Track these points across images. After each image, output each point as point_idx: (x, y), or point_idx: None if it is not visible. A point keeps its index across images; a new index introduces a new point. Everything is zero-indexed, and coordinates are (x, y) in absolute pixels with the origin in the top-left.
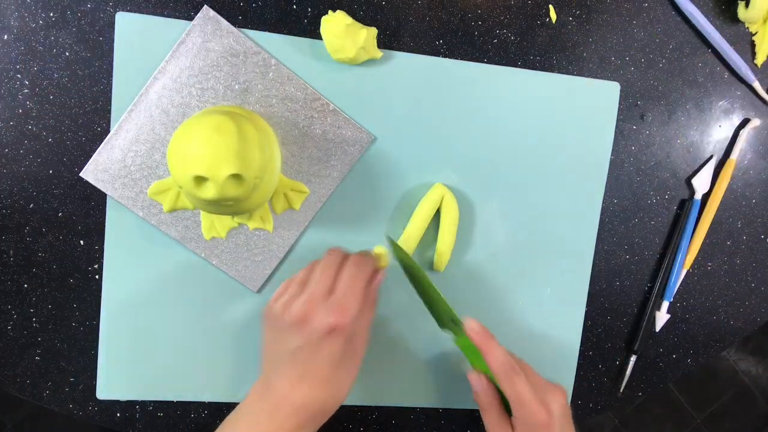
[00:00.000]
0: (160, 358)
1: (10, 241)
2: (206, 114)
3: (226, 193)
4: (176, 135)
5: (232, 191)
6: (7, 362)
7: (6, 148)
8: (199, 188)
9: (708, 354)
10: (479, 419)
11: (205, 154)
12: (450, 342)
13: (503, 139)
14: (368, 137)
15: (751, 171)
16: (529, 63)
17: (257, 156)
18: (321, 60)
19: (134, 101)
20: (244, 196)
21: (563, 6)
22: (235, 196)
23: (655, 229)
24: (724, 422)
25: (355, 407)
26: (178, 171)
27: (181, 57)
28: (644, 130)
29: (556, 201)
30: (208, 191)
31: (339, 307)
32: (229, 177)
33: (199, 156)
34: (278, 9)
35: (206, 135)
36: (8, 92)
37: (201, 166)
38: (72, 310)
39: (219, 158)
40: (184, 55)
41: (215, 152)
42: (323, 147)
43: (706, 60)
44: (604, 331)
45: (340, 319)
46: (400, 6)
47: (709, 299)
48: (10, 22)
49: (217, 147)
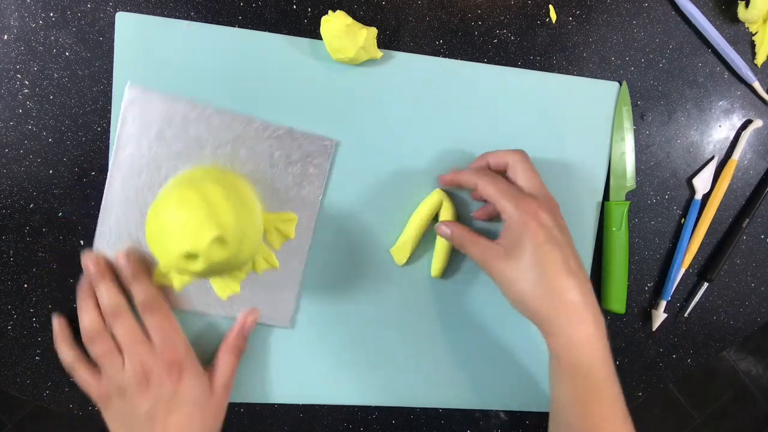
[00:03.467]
0: None
1: (10, 241)
2: (166, 193)
3: (214, 259)
4: (147, 222)
5: (220, 254)
6: (7, 362)
7: (6, 148)
8: (188, 263)
9: (708, 354)
10: (479, 419)
11: (178, 232)
12: (450, 342)
13: (503, 139)
14: (330, 144)
15: (751, 171)
16: (529, 63)
17: (229, 211)
18: (321, 60)
19: (103, 198)
20: (235, 252)
21: (563, 6)
22: (226, 257)
23: (655, 229)
24: (724, 422)
25: (355, 407)
26: (162, 256)
27: (128, 146)
28: (644, 130)
29: (556, 201)
30: (198, 264)
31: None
32: (211, 243)
33: (172, 235)
34: (278, 9)
35: (172, 214)
36: (8, 92)
37: (178, 246)
38: (72, 310)
39: (192, 231)
40: (129, 143)
41: (186, 227)
42: (292, 170)
43: (706, 60)
44: None
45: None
46: (400, 6)
47: (709, 299)
48: (10, 22)
49: (187, 221)
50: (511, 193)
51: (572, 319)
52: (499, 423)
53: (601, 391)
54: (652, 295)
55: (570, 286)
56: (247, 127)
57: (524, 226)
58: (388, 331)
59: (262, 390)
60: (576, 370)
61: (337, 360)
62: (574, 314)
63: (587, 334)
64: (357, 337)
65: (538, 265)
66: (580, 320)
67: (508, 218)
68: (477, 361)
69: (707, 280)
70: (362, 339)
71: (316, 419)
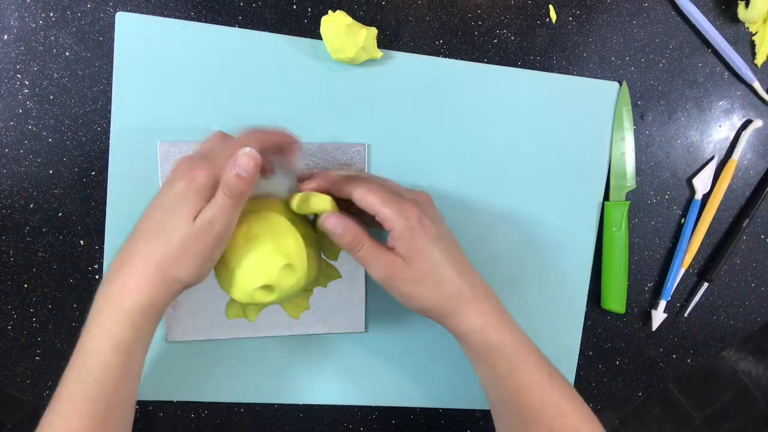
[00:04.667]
0: (159, 357)
1: (10, 241)
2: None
3: (285, 286)
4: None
5: (291, 280)
6: (7, 362)
7: (6, 148)
8: (263, 296)
9: (708, 354)
10: (479, 419)
11: (249, 267)
12: (449, 342)
13: (503, 139)
14: (362, 148)
15: (751, 171)
16: (529, 63)
17: (292, 236)
18: (321, 60)
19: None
20: (303, 274)
21: (563, 6)
22: (296, 282)
23: (655, 229)
24: (724, 422)
25: (355, 407)
26: (235, 293)
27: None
28: (644, 130)
29: (556, 201)
30: (273, 295)
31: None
32: (281, 271)
33: (244, 271)
34: (278, 9)
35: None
36: (8, 92)
37: (252, 282)
38: (72, 310)
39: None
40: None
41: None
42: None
43: (706, 60)
44: (604, 331)
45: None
46: (400, 6)
47: (709, 299)
48: (10, 22)
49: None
50: (392, 200)
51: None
52: None
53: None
54: (652, 295)
55: (457, 278)
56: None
57: (412, 234)
58: (387, 330)
59: (262, 390)
60: (487, 349)
61: (337, 360)
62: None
63: (484, 315)
64: (361, 337)
65: (431, 271)
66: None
67: (393, 228)
68: None
69: (707, 280)
70: (363, 338)
71: (316, 419)
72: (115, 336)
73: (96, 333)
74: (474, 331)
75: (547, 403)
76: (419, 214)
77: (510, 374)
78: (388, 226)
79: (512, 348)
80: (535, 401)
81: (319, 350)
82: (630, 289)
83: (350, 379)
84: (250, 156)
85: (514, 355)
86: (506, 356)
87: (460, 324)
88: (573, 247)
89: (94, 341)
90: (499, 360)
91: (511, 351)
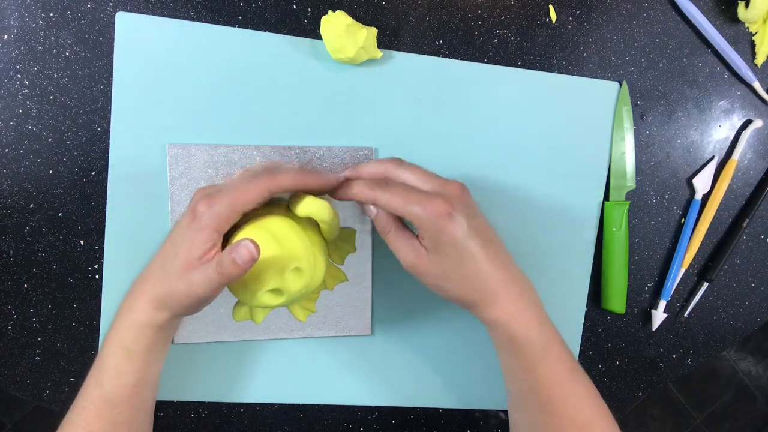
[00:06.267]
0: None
1: (10, 241)
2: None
3: (293, 289)
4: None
5: (299, 283)
6: (7, 362)
7: (6, 148)
8: (272, 299)
9: (708, 354)
10: (479, 419)
11: (257, 272)
12: (450, 342)
13: (503, 139)
14: (370, 151)
15: (751, 171)
16: (529, 63)
17: (297, 240)
18: (321, 60)
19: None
20: (310, 277)
21: (563, 6)
22: (304, 284)
23: (655, 229)
24: (724, 422)
25: (355, 407)
26: (245, 297)
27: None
28: (644, 130)
29: (556, 201)
30: (281, 297)
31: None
32: (289, 274)
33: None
34: (278, 9)
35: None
36: (8, 92)
37: (261, 286)
38: (72, 310)
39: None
40: (179, 190)
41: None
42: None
43: (706, 60)
44: (604, 331)
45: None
46: (400, 6)
47: (709, 299)
48: (10, 22)
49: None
50: (414, 198)
51: (498, 299)
52: (499, 423)
53: (541, 355)
54: (652, 295)
55: (489, 271)
56: (285, 156)
57: (437, 229)
58: (387, 330)
59: (263, 390)
60: (511, 342)
61: (337, 360)
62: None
63: (513, 306)
64: (361, 338)
65: (458, 265)
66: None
67: (421, 225)
68: (477, 361)
69: (707, 280)
70: (368, 341)
71: (316, 419)
72: (126, 345)
73: (110, 342)
74: (500, 322)
75: (568, 397)
76: (448, 210)
77: (533, 368)
78: (416, 224)
79: (538, 342)
80: (555, 396)
81: (323, 352)
82: (630, 289)
83: (353, 381)
84: (249, 250)
85: (539, 349)
86: (531, 350)
87: (488, 315)
88: (573, 247)
89: (109, 349)
90: (524, 353)
91: (537, 345)
